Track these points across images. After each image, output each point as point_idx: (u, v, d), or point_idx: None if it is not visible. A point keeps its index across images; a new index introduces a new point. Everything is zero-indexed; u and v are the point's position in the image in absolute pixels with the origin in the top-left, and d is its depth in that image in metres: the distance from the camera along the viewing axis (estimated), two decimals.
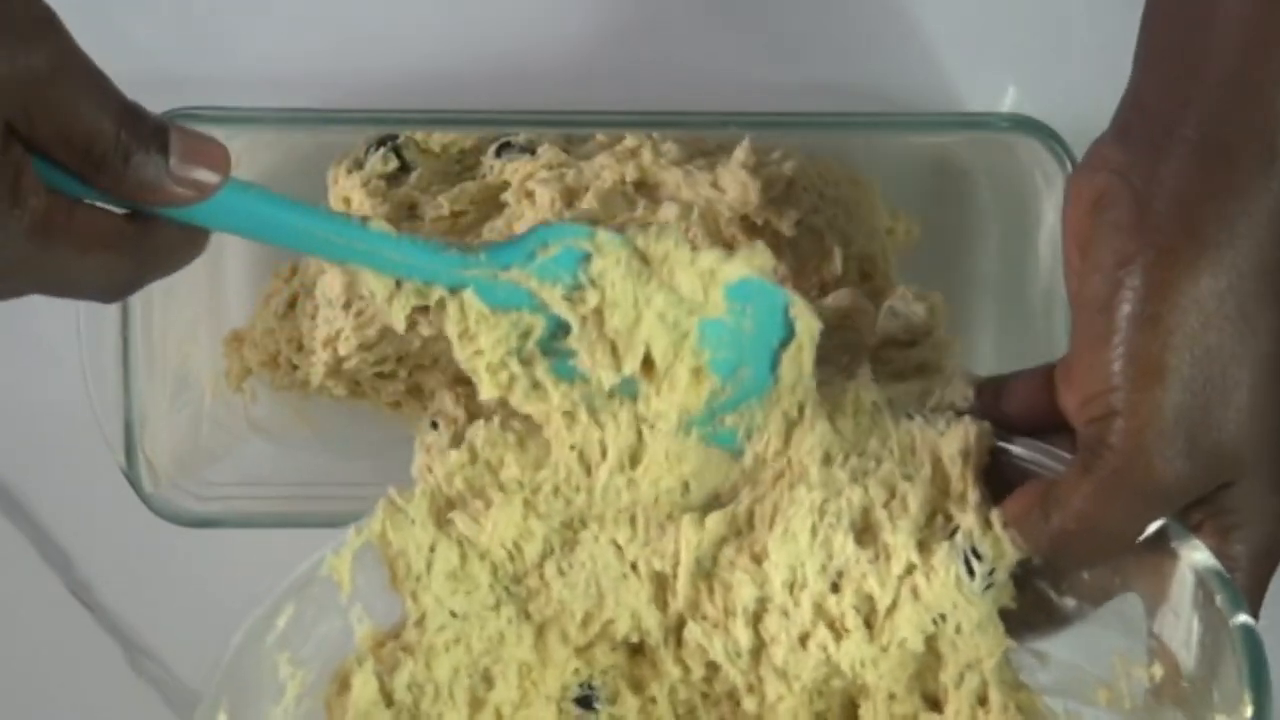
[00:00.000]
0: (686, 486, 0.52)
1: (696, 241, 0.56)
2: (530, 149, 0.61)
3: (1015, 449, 0.50)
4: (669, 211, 0.58)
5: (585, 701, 0.54)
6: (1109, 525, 0.47)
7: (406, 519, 0.52)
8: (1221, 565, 0.45)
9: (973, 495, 0.50)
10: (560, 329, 0.50)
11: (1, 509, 0.65)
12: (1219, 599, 0.44)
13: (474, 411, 0.54)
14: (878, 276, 0.62)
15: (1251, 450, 0.45)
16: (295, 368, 0.63)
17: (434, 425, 0.54)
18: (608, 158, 0.61)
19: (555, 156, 0.61)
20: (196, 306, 0.63)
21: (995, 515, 0.49)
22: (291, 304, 0.63)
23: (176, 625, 0.66)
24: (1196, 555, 0.46)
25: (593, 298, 0.50)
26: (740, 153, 0.60)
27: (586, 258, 0.50)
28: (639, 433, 0.51)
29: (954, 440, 0.51)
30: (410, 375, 0.62)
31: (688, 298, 0.50)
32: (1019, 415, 0.51)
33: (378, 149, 0.62)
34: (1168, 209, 0.45)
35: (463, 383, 0.54)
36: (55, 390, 0.63)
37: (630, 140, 0.61)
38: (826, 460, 0.51)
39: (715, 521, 0.51)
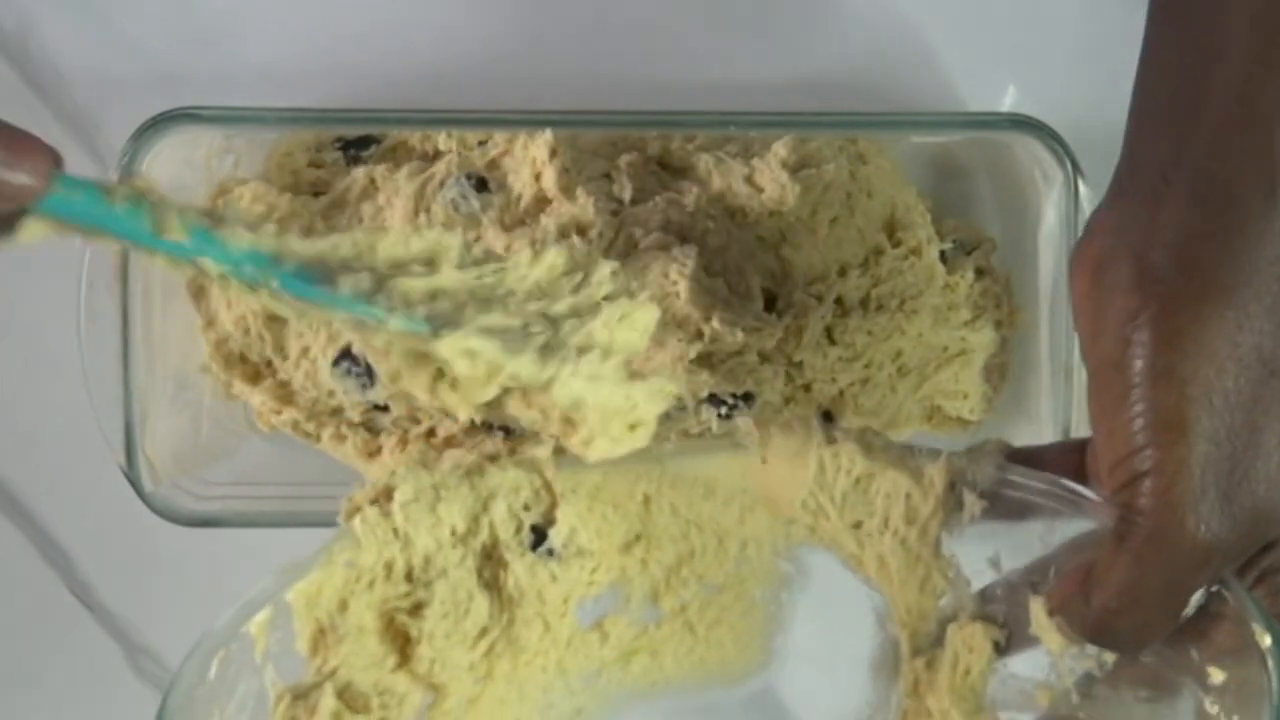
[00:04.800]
0: None
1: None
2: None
3: (1023, 479, 0.48)
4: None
5: None
6: (1150, 596, 0.44)
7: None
8: None
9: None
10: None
11: (1, 509, 0.65)
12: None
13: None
14: (909, 238, 0.62)
15: None
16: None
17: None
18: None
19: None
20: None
21: (1038, 604, 0.47)
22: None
23: (176, 625, 0.66)
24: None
25: None
26: (782, 149, 0.60)
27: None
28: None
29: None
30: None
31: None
32: None
33: (345, 148, 0.62)
34: (1167, 257, 0.43)
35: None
36: (55, 390, 0.63)
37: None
38: None
39: None
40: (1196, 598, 0.44)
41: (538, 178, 0.60)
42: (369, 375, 0.60)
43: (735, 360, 0.59)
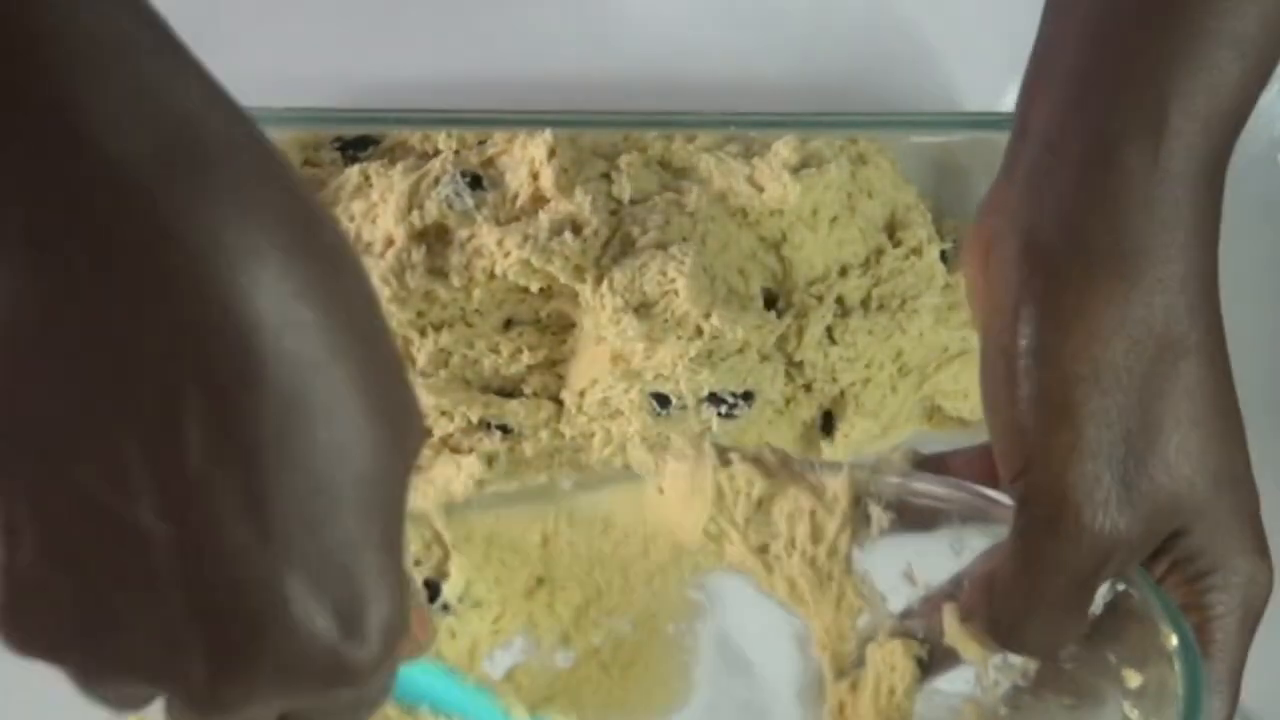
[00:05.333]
0: None
1: None
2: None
3: (927, 486, 0.46)
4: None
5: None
6: (1051, 594, 0.41)
7: None
8: (1196, 619, 0.41)
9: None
10: None
11: None
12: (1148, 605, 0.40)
13: None
14: (909, 238, 0.62)
15: (1203, 490, 0.40)
16: None
17: None
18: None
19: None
20: None
21: (950, 612, 0.44)
22: None
23: None
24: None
25: None
26: (784, 149, 0.60)
27: None
28: None
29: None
30: None
31: None
32: None
33: (343, 149, 0.62)
34: (1053, 230, 0.40)
35: None
36: None
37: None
38: None
39: None
40: (1104, 593, 0.42)
41: (535, 177, 0.60)
42: None
43: (735, 359, 0.59)
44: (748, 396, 0.59)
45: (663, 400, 0.59)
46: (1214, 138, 0.40)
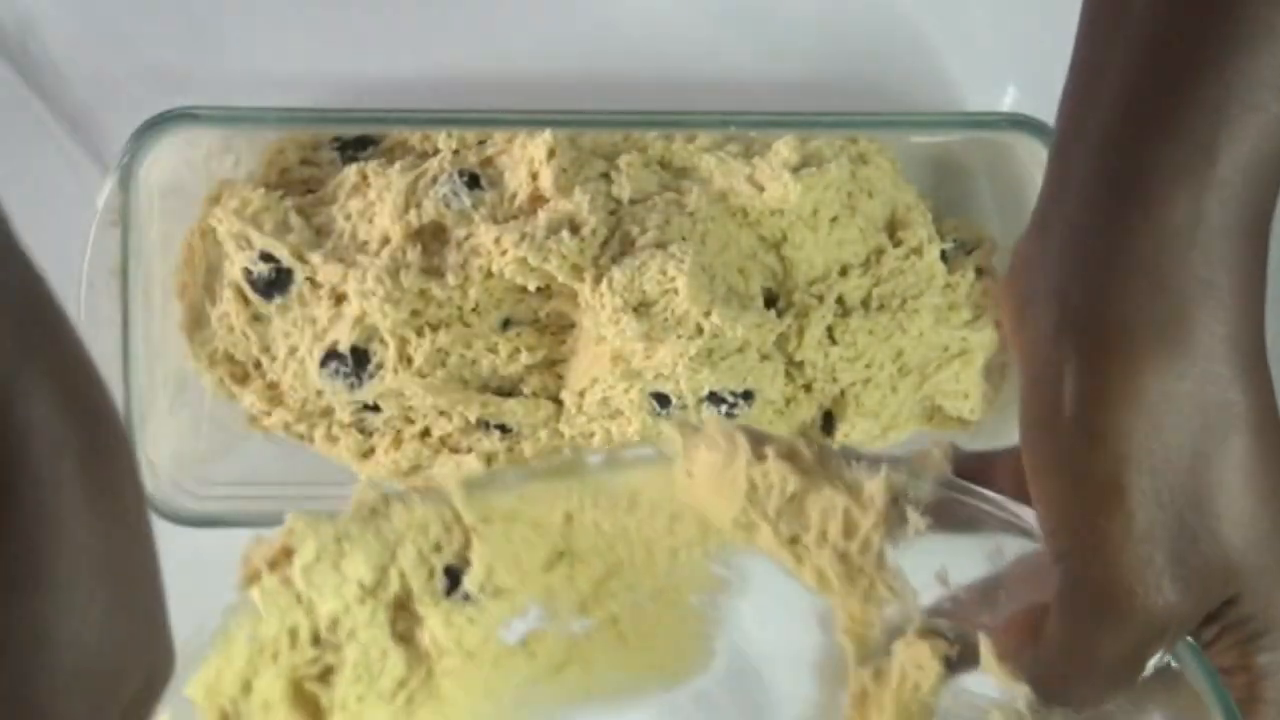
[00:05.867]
0: None
1: None
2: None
3: (968, 499, 0.45)
4: None
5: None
6: (1102, 666, 0.41)
7: None
8: (1246, 678, 0.40)
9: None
10: None
11: None
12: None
13: None
14: (910, 238, 0.62)
15: (1253, 557, 0.39)
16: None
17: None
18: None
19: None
20: None
21: (986, 645, 0.43)
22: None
23: (176, 625, 0.66)
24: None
25: None
26: (784, 149, 0.60)
27: None
28: None
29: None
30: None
31: None
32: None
33: (342, 149, 0.62)
34: (1090, 299, 0.39)
35: None
36: None
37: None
38: None
39: None
40: (1154, 660, 0.41)
41: (534, 177, 0.60)
42: (357, 375, 0.60)
43: (735, 358, 0.59)
44: (748, 396, 0.59)
45: (663, 400, 0.59)
46: (1260, 187, 0.38)
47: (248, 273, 0.60)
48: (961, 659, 0.47)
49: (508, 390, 0.61)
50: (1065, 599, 0.40)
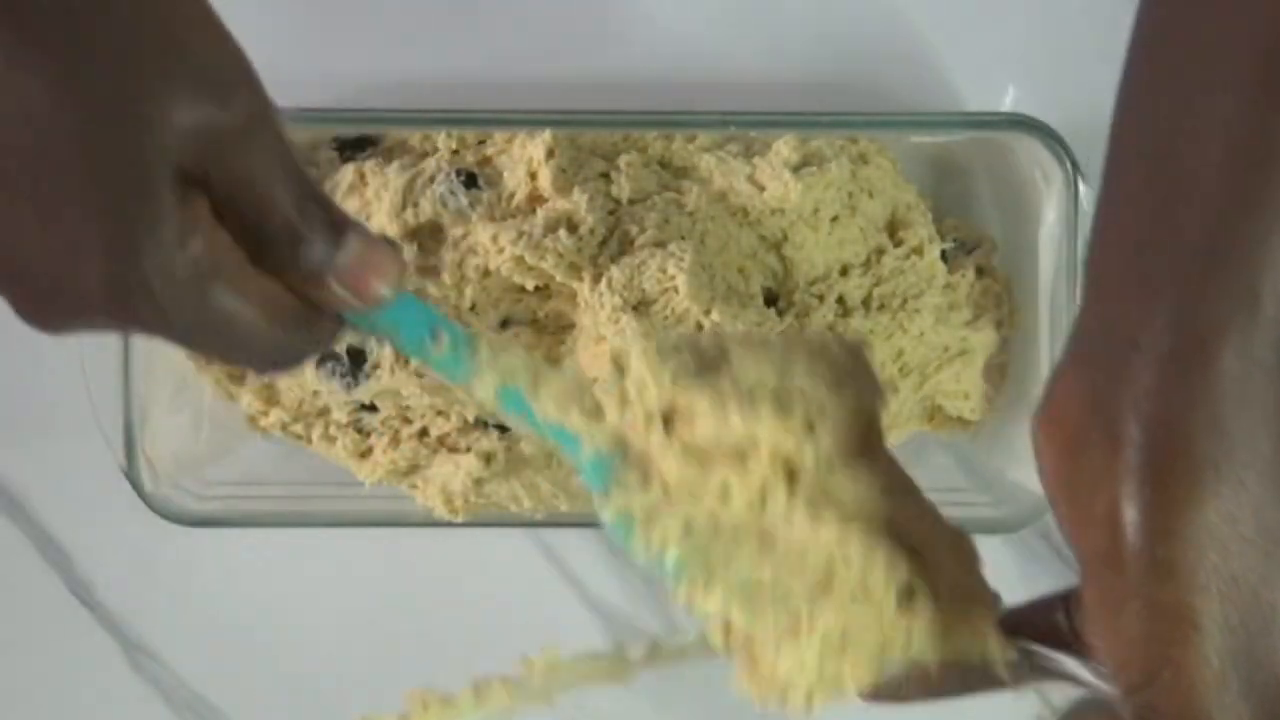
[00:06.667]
0: None
1: None
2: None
3: (1066, 663, 0.45)
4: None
5: None
6: None
7: None
8: None
9: None
10: None
11: (1, 509, 0.65)
12: None
13: None
14: (910, 237, 0.62)
15: None
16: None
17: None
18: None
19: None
20: None
21: None
22: None
23: (176, 625, 0.66)
24: None
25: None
26: (784, 148, 0.60)
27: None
28: None
29: None
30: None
31: None
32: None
33: (341, 149, 0.62)
34: (1147, 435, 0.39)
35: None
36: (55, 390, 0.63)
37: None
38: None
39: None
40: None
41: (533, 176, 0.60)
42: (353, 375, 0.60)
43: None
44: None
45: None
46: None
47: None
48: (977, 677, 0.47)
49: None
50: None
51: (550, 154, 0.59)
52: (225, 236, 0.39)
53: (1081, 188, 0.58)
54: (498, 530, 0.63)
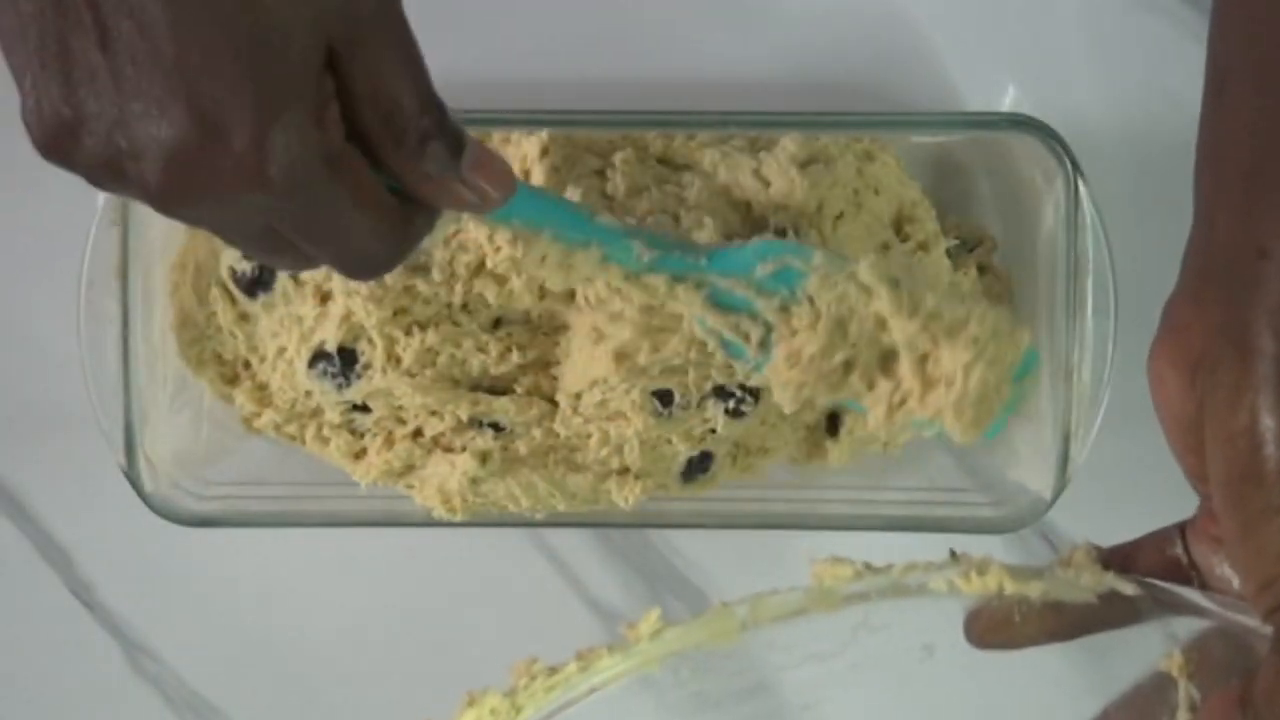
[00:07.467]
0: None
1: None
2: None
3: (1188, 595, 0.45)
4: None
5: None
6: None
7: None
8: None
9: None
10: None
11: (1, 509, 0.65)
12: None
13: None
14: (916, 232, 0.62)
15: None
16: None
17: None
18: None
19: None
20: None
21: None
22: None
23: (176, 625, 0.66)
24: None
25: (804, 314, 0.53)
26: (790, 144, 0.60)
27: (802, 276, 0.53)
28: None
29: None
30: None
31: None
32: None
33: None
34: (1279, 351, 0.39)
35: None
36: (55, 390, 0.63)
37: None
38: None
39: None
40: None
41: (527, 175, 0.59)
42: (345, 375, 0.60)
43: None
44: (755, 393, 0.59)
45: (665, 398, 0.59)
46: None
47: (233, 271, 0.60)
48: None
49: (499, 389, 0.61)
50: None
51: (544, 152, 0.59)
52: (343, 129, 0.39)
53: (1081, 188, 0.58)
54: (497, 530, 0.63)
